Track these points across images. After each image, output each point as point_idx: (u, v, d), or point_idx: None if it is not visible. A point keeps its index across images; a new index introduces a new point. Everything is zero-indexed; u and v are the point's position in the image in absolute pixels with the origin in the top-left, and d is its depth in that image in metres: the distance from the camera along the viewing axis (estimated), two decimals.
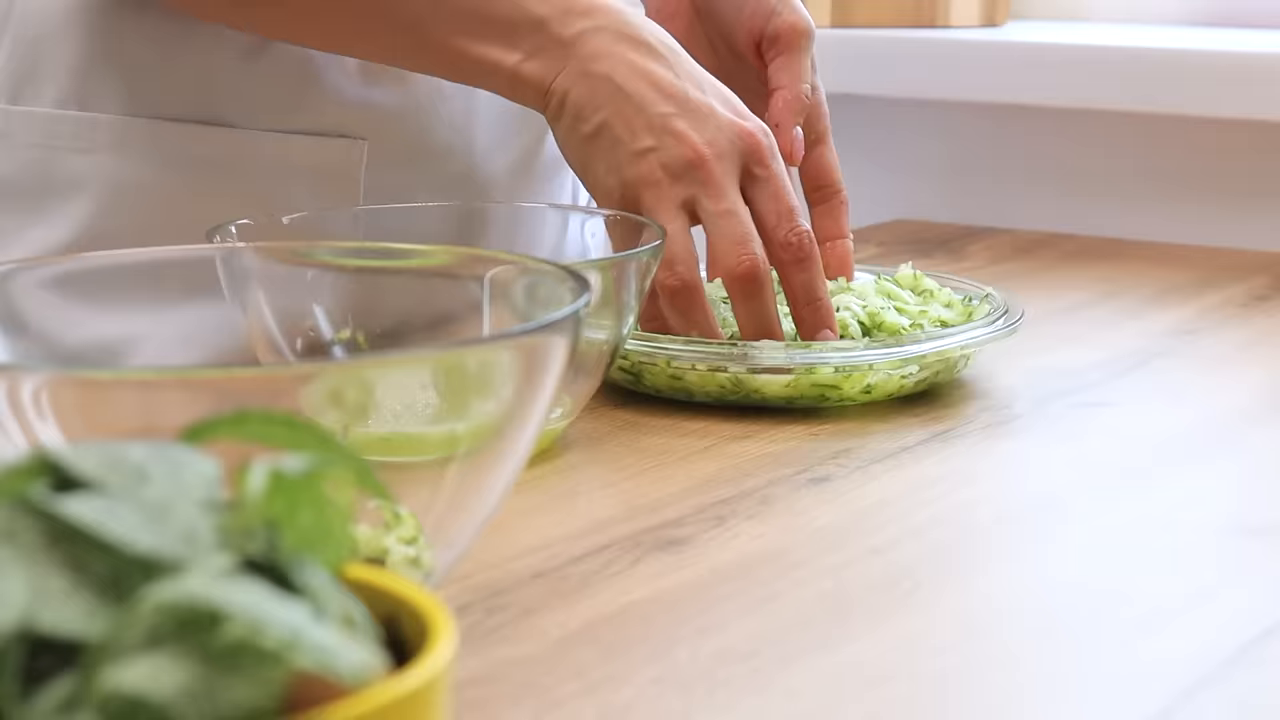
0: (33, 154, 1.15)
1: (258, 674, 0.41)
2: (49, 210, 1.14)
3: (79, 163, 1.14)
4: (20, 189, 1.15)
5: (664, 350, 1.03)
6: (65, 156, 1.14)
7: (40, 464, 0.47)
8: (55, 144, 1.14)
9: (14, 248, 1.15)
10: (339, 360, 0.91)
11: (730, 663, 0.70)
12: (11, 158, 1.16)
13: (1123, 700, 0.69)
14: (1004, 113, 1.89)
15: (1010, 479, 0.96)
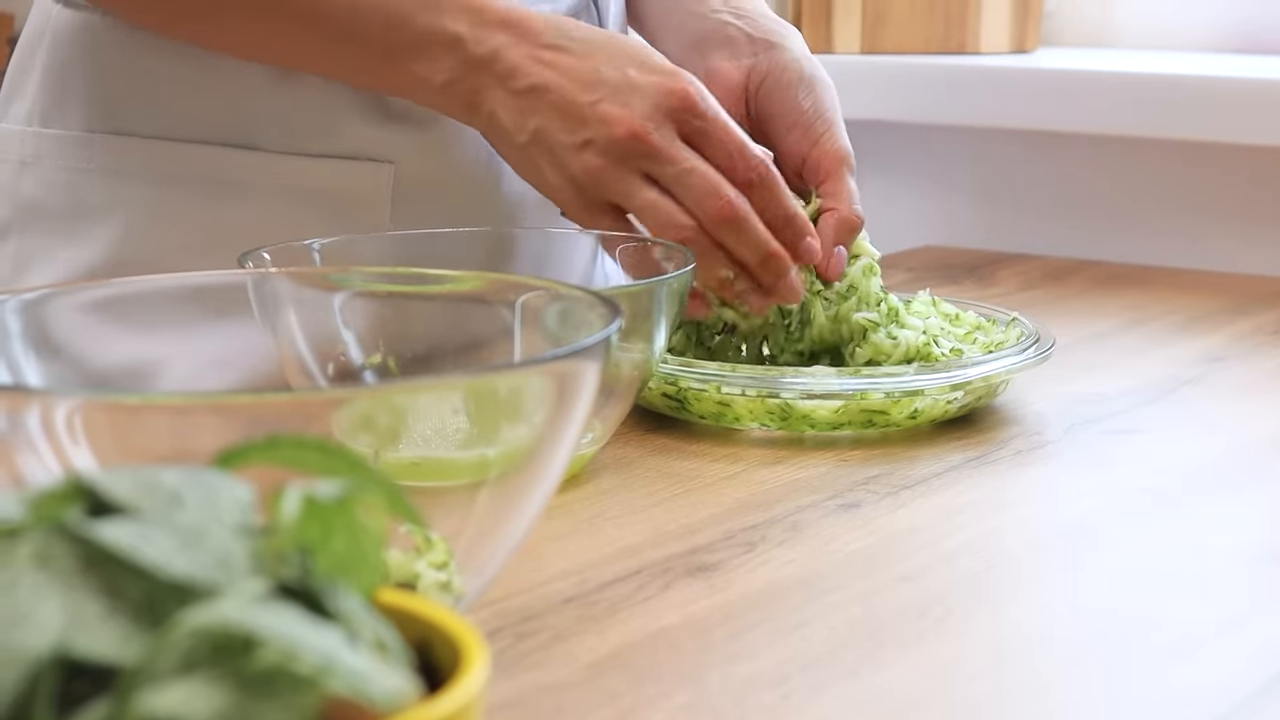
0: (63, 177, 1.16)
1: (292, 699, 0.41)
2: (79, 232, 1.15)
3: (109, 185, 1.14)
4: (51, 211, 1.16)
5: (715, 377, 1.03)
6: (95, 179, 1.15)
7: (75, 489, 0.47)
8: (85, 166, 1.15)
9: (44, 269, 1.15)
10: (370, 385, 0.91)
11: (761, 689, 0.70)
12: (43, 180, 1.16)
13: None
14: (1034, 139, 1.89)
15: (1041, 505, 0.96)
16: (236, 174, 1.14)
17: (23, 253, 1.17)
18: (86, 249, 1.15)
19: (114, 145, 1.14)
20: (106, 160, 1.15)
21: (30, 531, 0.44)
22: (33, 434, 0.63)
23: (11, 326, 0.78)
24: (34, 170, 1.17)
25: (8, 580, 0.43)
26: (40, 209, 1.17)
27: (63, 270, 1.15)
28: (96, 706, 0.42)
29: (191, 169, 1.14)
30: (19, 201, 1.18)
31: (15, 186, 1.18)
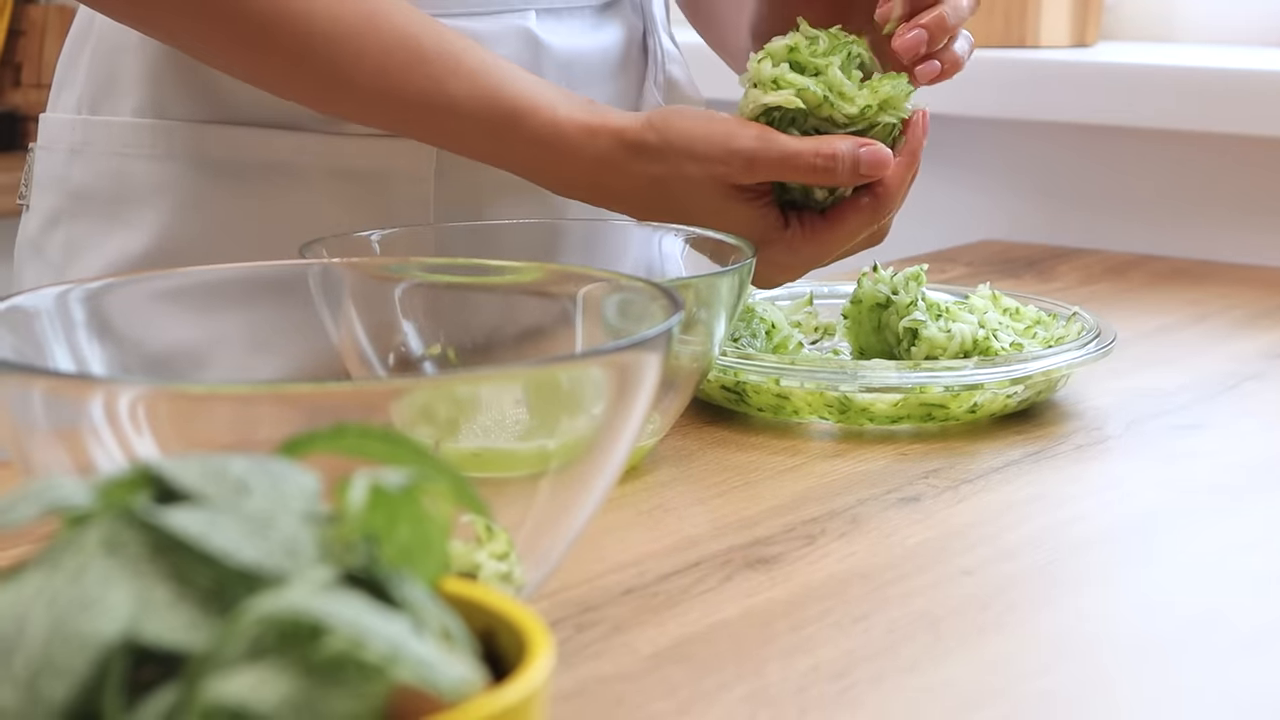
0: (112, 164, 1.16)
1: (359, 687, 0.41)
2: (127, 218, 1.16)
3: (156, 170, 1.15)
4: (100, 198, 1.17)
5: (775, 370, 1.03)
6: (143, 164, 1.15)
7: (142, 476, 0.47)
8: (133, 153, 1.16)
9: (95, 257, 1.16)
10: (432, 376, 0.92)
11: (821, 682, 0.70)
12: (92, 168, 1.17)
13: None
14: (1094, 133, 1.88)
15: (1102, 501, 0.96)
16: (281, 155, 1.14)
17: (73, 241, 1.18)
18: (135, 235, 1.15)
19: (161, 130, 1.15)
20: (154, 145, 1.15)
21: (99, 518, 0.45)
22: (97, 422, 0.64)
23: (76, 316, 0.78)
24: (83, 158, 1.18)
25: (77, 566, 0.43)
26: (90, 196, 1.17)
27: (113, 257, 1.15)
28: (164, 693, 0.42)
29: (237, 152, 1.14)
30: (69, 189, 1.18)
31: (66, 174, 1.19)
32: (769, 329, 1.12)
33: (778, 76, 1.04)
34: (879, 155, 1.03)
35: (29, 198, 1.22)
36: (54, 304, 0.77)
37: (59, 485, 0.46)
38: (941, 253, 1.67)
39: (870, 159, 1.02)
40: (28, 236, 1.21)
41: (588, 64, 1.18)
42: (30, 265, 1.21)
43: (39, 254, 1.20)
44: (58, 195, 1.19)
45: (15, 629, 0.41)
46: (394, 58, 1.03)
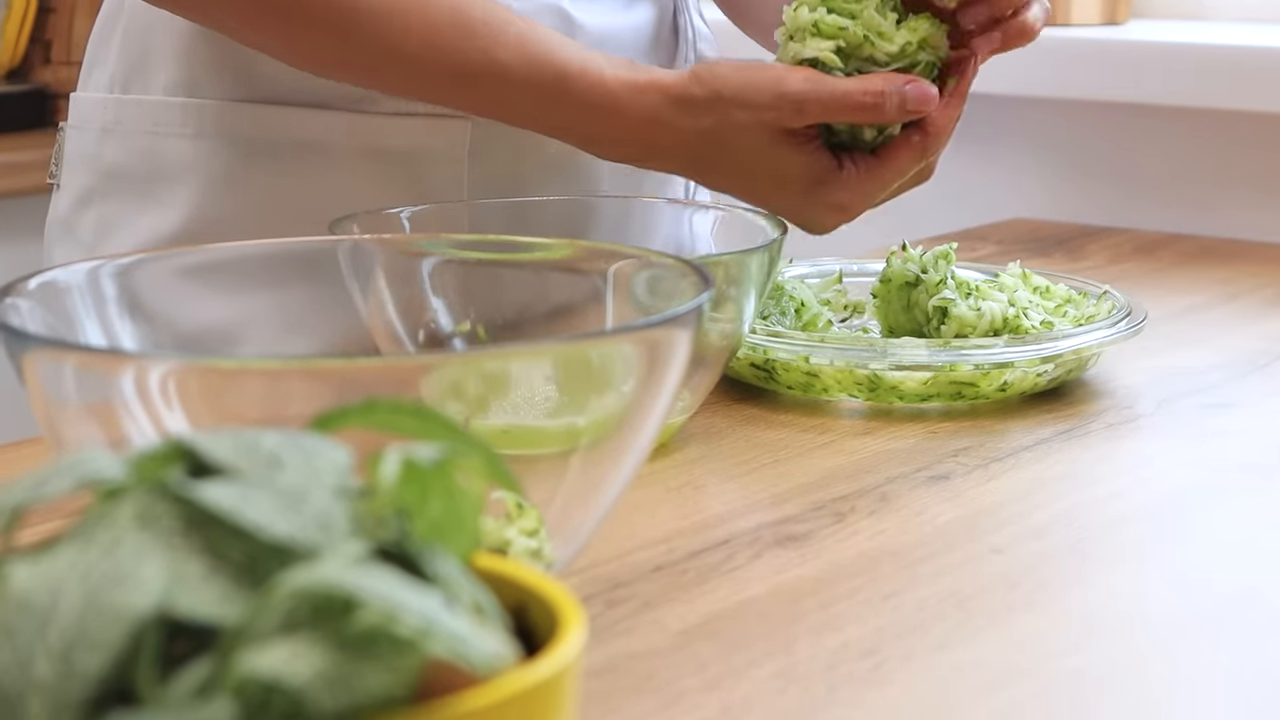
0: (143, 142, 1.16)
1: (392, 661, 0.41)
2: (159, 196, 1.16)
3: (188, 148, 1.15)
4: (132, 177, 1.17)
5: (805, 347, 1.03)
6: (175, 143, 1.15)
7: (175, 451, 0.47)
8: (165, 131, 1.16)
9: (126, 235, 1.16)
10: (462, 351, 0.92)
11: (851, 660, 0.70)
12: (123, 146, 1.17)
13: (1253, 702, 0.68)
14: (1125, 112, 1.87)
15: (1133, 479, 0.95)
16: (314, 134, 1.14)
17: (105, 219, 1.18)
18: (167, 214, 1.15)
19: (192, 109, 1.15)
20: (185, 124, 1.15)
21: (133, 492, 0.45)
22: (128, 397, 0.64)
23: (107, 291, 0.78)
24: (115, 136, 1.18)
25: (111, 540, 0.43)
26: (122, 175, 1.17)
27: (145, 236, 1.15)
28: (198, 666, 0.42)
29: (269, 130, 1.14)
30: (101, 168, 1.18)
31: (98, 153, 1.19)
32: (798, 307, 1.12)
33: (817, 20, 1.04)
34: (924, 91, 1.03)
35: (59, 177, 1.22)
36: (85, 280, 0.77)
37: (92, 459, 0.46)
38: (971, 231, 1.66)
39: (916, 95, 1.03)
40: (58, 216, 1.21)
41: (619, 43, 1.18)
42: (61, 244, 1.21)
43: (70, 233, 1.20)
44: (89, 174, 1.19)
45: (50, 602, 0.41)
46: (442, 29, 1.03)
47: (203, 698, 0.41)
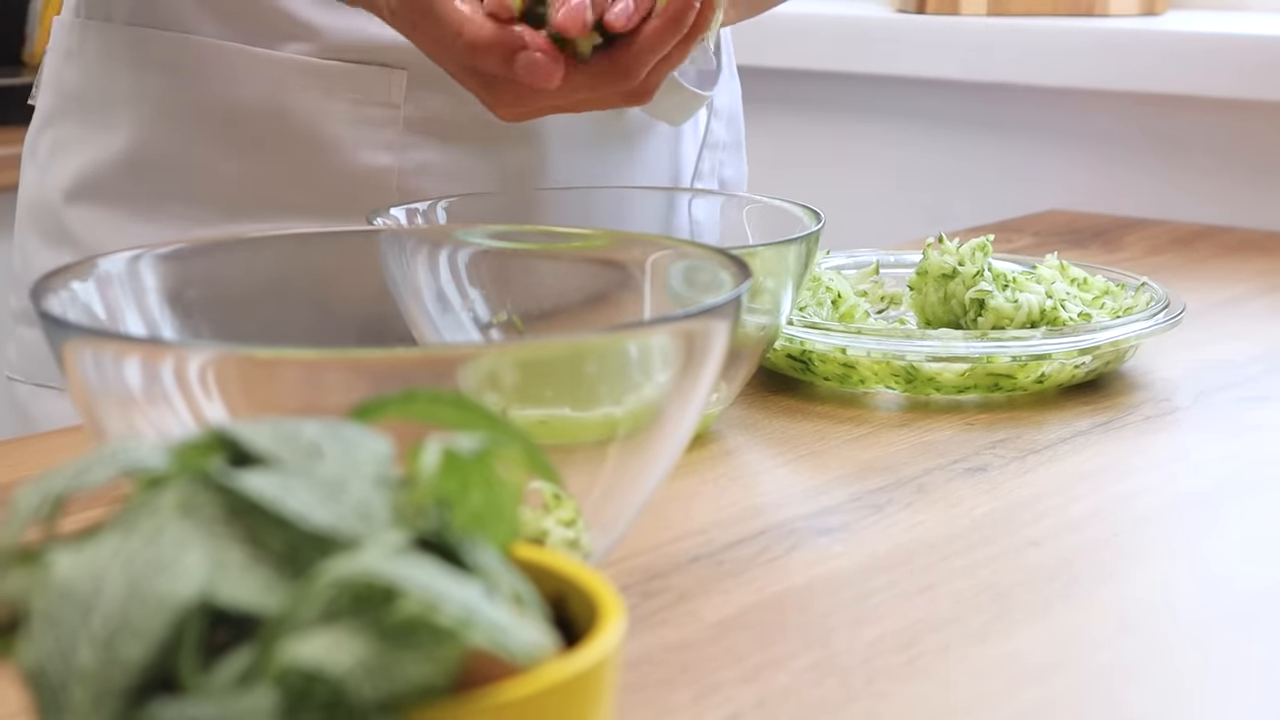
0: (100, 66, 1.18)
1: (433, 650, 0.41)
2: (105, 123, 1.18)
3: (140, 77, 1.16)
4: (87, 102, 1.19)
5: (841, 339, 1.02)
6: (124, 70, 1.17)
7: (216, 440, 0.47)
8: (117, 57, 1.17)
9: (72, 158, 1.19)
10: (499, 342, 0.92)
11: (888, 652, 0.70)
12: (82, 70, 1.20)
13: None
14: (1162, 103, 1.86)
15: (1170, 472, 0.95)
16: (255, 74, 1.15)
17: (58, 142, 1.20)
18: (112, 140, 1.17)
19: (146, 38, 1.16)
20: (137, 52, 1.16)
21: (175, 481, 0.45)
22: (167, 386, 0.64)
23: (147, 280, 0.79)
24: (76, 60, 1.20)
25: (153, 528, 0.43)
26: (78, 98, 1.20)
27: (91, 158, 1.18)
28: (239, 654, 0.42)
29: (211, 67, 1.15)
30: (61, 90, 1.21)
31: (61, 75, 1.21)
32: (835, 298, 1.12)
33: None
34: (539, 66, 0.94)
35: (37, 98, 1.24)
36: (126, 268, 0.77)
37: (134, 448, 0.46)
38: (1008, 223, 1.66)
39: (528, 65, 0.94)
40: (29, 138, 1.24)
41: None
42: (27, 166, 1.24)
43: (33, 155, 1.23)
44: (52, 96, 1.22)
45: (93, 590, 0.41)
46: None
47: (244, 686, 0.41)
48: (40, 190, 1.21)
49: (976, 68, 1.94)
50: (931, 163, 2.04)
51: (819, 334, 1.03)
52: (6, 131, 2.37)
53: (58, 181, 1.19)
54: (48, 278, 0.71)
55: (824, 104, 2.12)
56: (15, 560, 0.44)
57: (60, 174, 1.19)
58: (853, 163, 2.11)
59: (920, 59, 1.98)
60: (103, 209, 1.17)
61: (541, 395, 0.70)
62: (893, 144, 2.06)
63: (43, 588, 0.42)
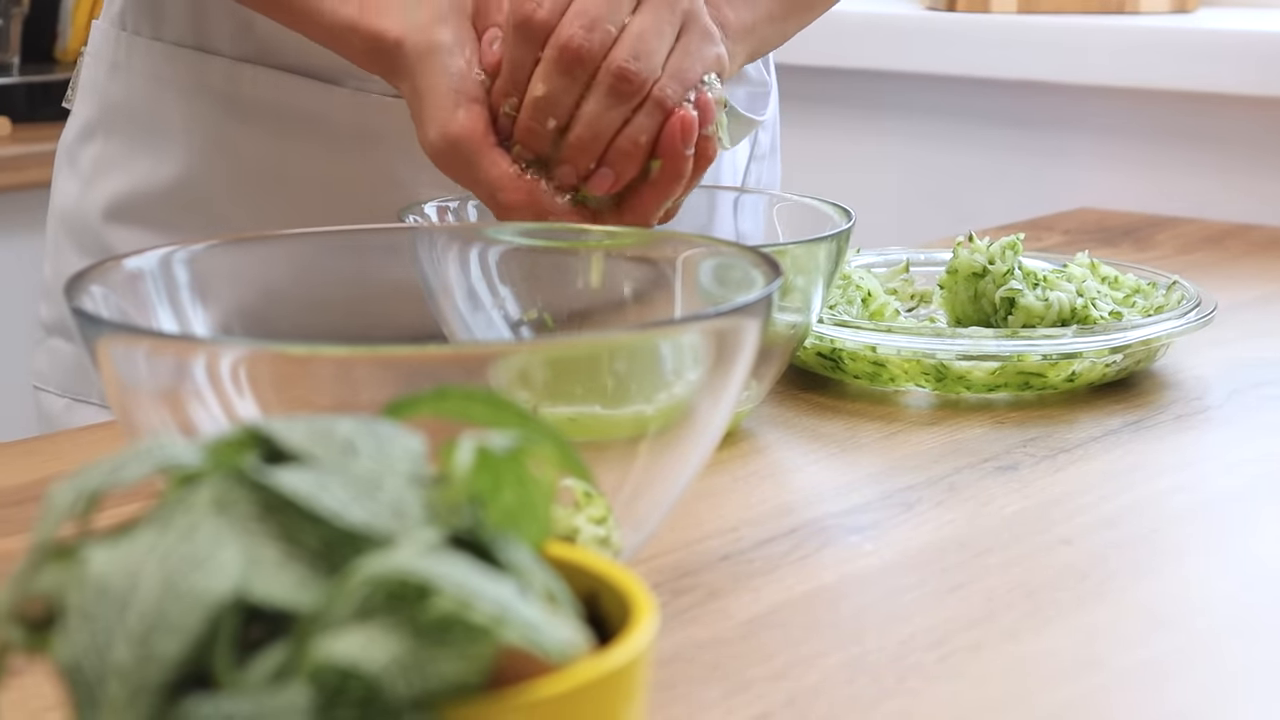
0: (148, 86, 1.16)
1: (467, 648, 0.41)
2: (155, 145, 1.16)
3: (188, 101, 1.15)
4: (133, 119, 1.17)
5: (871, 336, 1.02)
6: (176, 94, 1.15)
7: (250, 436, 0.47)
8: (168, 80, 1.16)
9: (122, 176, 1.17)
10: (530, 340, 0.92)
11: (919, 650, 0.70)
12: (128, 86, 1.17)
13: None
14: (1193, 100, 1.86)
15: (1202, 471, 0.95)
16: (316, 107, 1.14)
17: (104, 156, 1.18)
18: (162, 164, 1.15)
19: (197, 62, 1.15)
20: (189, 76, 1.15)
21: (209, 477, 0.45)
22: (199, 382, 0.64)
23: (179, 277, 0.79)
24: (122, 75, 1.18)
25: (188, 524, 0.43)
26: (124, 114, 1.18)
27: (139, 180, 1.16)
28: (273, 651, 0.42)
29: (271, 96, 1.14)
30: (106, 103, 1.19)
31: (105, 88, 1.19)
32: (865, 296, 1.12)
33: None
34: None
35: (74, 100, 1.23)
36: (158, 265, 0.78)
37: (169, 445, 0.46)
38: (1038, 220, 1.66)
39: None
40: (66, 143, 1.22)
41: None
42: (63, 172, 1.22)
43: (72, 163, 1.21)
44: (95, 106, 1.20)
45: (129, 585, 0.42)
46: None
47: (279, 683, 0.41)
48: (80, 203, 1.19)
49: (1007, 65, 1.94)
50: (961, 160, 2.04)
51: (849, 332, 1.03)
52: (37, 128, 2.39)
53: (100, 198, 1.17)
54: (80, 275, 0.71)
55: (854, 101, 2.12)
56: (51, 556, 0.44)
57: (103, 191, 1.17)
58: (882, 160, 2.11)
59: (951, 56, 1.98)
60: (147, 232, 1.15)
61: (572, 393, 0.70)
62: (923, 141, 2.06)
63: (79, 584, 0.42)
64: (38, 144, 2.29)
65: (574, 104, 0.94)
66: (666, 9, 0.95)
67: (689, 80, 0.95)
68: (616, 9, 0.94)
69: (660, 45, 0.95)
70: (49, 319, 1.22)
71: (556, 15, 0.94)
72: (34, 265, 1.48)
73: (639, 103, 0.94)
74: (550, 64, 0.93)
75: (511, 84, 0.95)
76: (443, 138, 0.95)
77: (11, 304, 2.24)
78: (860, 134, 2.12)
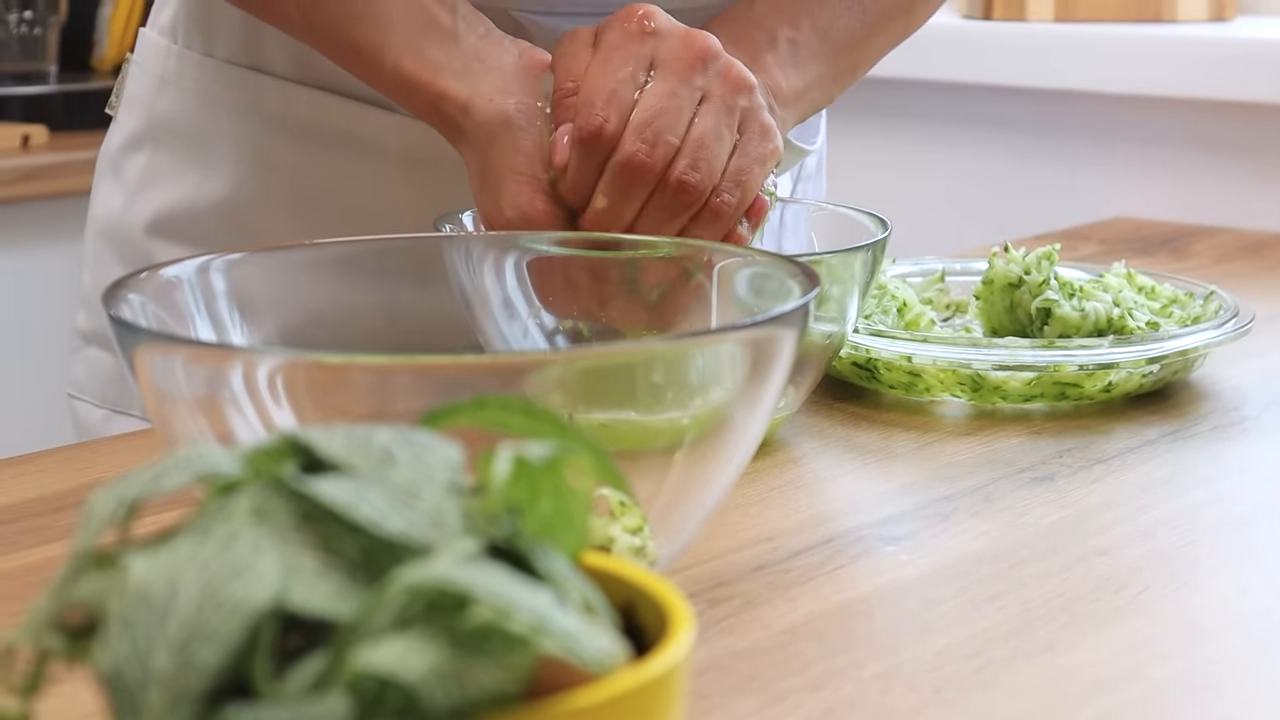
0: (197, 102, 1.16)
1: (505, 658, 0.42)
2: (205, 161, 1.15)
3: (240, 120, 1.15)
4: (182, 133, 1.17)
5: (907, 346, 1.02)
6: (227, 111, 1.15)
7: (289, 446, 0.48)
8: (219, 97, 1.16)
9: (170, 190, 1.17)
10: (567, 349, 0.92)
11: (955, 661, 0.70)
12: (178, 101, 1.17)
13: None
14: (1230, 109, 1.85)
15: (1240, 482, 0.95)
16: (367, 131, 1.13)
17: (151, 168, 1.18)
18: (211, 182, 1.15)
19: (250, 80, 1.15)
20: (240, 95, 1.15)
21: (248, 486, 0.45)
22: (236, 391, 0.65)
23: (217, 286, 0.79)
24: (172, 89, 1.17)
25: (228, 533, 0.43)
26: (172, 128, 1.17)
27: (186, 195, 1.16)
28: (312, 660, 0.42)
29: (323, 118, 1.14)
30: (154, 115, 1.18)
31: (154, 100, 1.18)
32: (900, 306, 1.12)
33: None
34: None
35: (118, 108, 1.23)
36: (195, 274, 0.78)
37: (209, 454, 0.46)
38: (1074, 230, 1.65)
39: None
40: (109, 152, 1.22)
41: None
42: (106, 181, 1.21)
43: (116, 173, 1.20)
44: (143, 118, 1.19)
45: (169, 594, 0.42)
46: None
47: (317, 692, 0.42)
48: (124, 215, 1.18)
49: (1043, 74, 1.94)
50: (997, 169, 2.03)
51: (885, 342, 1.03)
52: (74, 136, 2.40)
53: (145, 211, 1.17)
54: (118, 284, 0.72)
55: (890, 110, 2.12)
56: (92, 564, 0.44)
57: (148, 204, 1.17)
58: (918, 169, 2.10)
59: (987, 65, 1.98)
60: (191, 248, 1.14)
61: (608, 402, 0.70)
62: (958, 150, 2.06)
63: (119, 591, 0.43)
64: (74, 152, 2.30)
65: (634, 215, 0.95)
66: (725, 112, 0.96)
67: (748, 186, 0.96)
68: (679, 119, 0.95)
69: (720, 150, 0.96)
70: (87, 328, 1.22)
71: (622, 127, 0.94)
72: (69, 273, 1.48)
73: (697, 211, 0.95)
74: (613, 179, 0.94)
75: (575, 193, 0.96)
76: (522, 219, 0.96)
77: (46, 311, 2.25)
78: (896, 142, 2.12)
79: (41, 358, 2.25)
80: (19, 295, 2.27)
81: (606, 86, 0.95)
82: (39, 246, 2.28)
